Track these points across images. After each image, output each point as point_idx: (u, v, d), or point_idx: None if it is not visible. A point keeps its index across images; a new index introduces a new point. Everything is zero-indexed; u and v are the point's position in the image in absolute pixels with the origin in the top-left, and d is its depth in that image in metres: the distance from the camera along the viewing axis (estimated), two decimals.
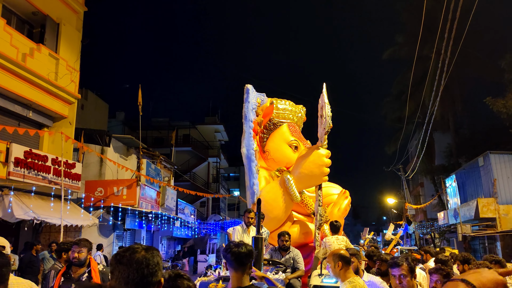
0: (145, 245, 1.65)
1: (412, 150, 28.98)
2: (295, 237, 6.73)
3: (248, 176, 7.06)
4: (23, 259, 9.88)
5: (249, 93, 7.36)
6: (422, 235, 29.83)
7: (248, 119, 7.17)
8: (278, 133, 7.98)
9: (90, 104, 21.88)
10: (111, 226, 14.20)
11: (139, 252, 1.56)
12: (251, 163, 7.00)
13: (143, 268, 1.51)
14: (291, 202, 6.85)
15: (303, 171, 6.68)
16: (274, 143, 7.92)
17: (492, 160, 16.86)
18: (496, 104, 17.24)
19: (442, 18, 10.28)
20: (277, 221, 6.85)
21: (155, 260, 1.56)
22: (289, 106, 8.28)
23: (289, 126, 8.06)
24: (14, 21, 12.59)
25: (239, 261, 2.45)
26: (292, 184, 6.68)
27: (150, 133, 30.66)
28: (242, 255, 2.46)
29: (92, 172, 14.95)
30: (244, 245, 2.53)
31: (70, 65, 13.27)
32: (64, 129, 12.69)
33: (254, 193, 6.96)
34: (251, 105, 7.28)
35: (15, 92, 11.24)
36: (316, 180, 6.75)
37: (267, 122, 8.06)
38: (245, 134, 7.11)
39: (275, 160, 7.83)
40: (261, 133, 8.05)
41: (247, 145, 7.06)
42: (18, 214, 10.21)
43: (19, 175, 10.46)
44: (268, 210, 6.53)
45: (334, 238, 6.11)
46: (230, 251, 2.48)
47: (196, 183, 29.07)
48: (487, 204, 16.33)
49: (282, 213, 6.83)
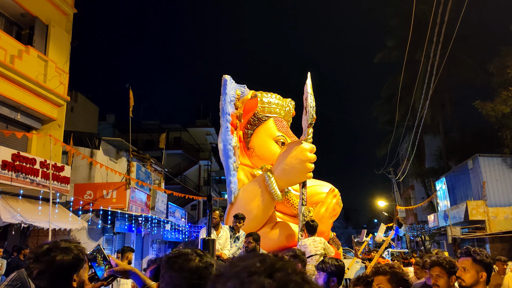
0: (199, 251, 1.58)
1: (402, 153, 29.18)
2: (276, 240, 6.25)
3: (226, 174, 6.59)
4: (11, 264, 9.74)
5: (227, 84, 6.79)
6: (413, 238, 30.01)
7: (225, 112, 6.62)
8: (263, 129, 7.44)
9: (80, 107, 21.69)
10: (100, 229, 14.05)
11: (193, 260, 1.51)
12: (228, 159, 6.50)
13: (194, 279, 1.47)
14: (272, 202, 6.33)
15: (284, 167, 6.15)
16: (259, 139, 7.40)
17: (481, 163, 17.02)
18: (485, 107, 17.42)
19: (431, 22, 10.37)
20: (256, 222, 6.32)
21: (209, 271, 1.51)
22: (275, 100, 7.72)
23: (276, 121, 7.51)
24: (2, 22, 12.44)
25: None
26: (273, 181, 6.13)
27: (140, 136, 30.48)
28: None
29: (81, 175, 14.80)
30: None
31: (59, 67, 13.14)
32: (53, 131, 12.55)
33: (231, 192, 6.47)
34: (229, 97, 6.72)
35: (2, 94, 11.09)
36: (299, 177, 6.18)
37: (251, 117, 7.49)
38: (222, 128, 6.61)
39: (260, 158, 7.27)
40: (245, 128, 7.51)
41: (224, 139, 6.55)
42: (6, 218, 10.04)
43: (7, 178, 10.30)
44: (246, 210, 6.10)
45: (311, 240, 5.50)
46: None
47: (187, 186, 28.95)
48: (476, 206, 16.48)
49: (261, 214, 6.32)
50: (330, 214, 6.63)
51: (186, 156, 31.22)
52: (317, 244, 5.39)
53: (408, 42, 13.43)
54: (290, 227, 6.65)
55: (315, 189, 6.86)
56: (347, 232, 61.66)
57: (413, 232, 28.42)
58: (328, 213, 6.59)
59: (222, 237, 5.93)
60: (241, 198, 6.33)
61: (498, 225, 15.86)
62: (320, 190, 6.98)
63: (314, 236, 5.52)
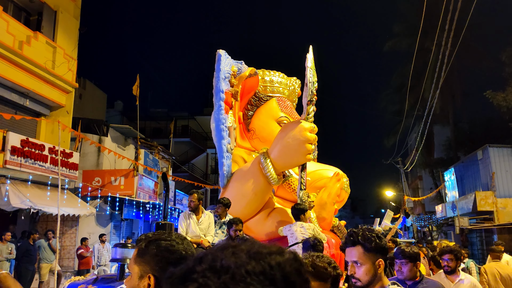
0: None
1: (411, 143, 28.97)
2: (272, 227, 5.70)
3: (218, 156, 6.08)
4: (20, 248, 9.88)
5: (221, 60, 6.15)
6: (420, 228, 29.92)
7: (218, 89, 6.01)
8: (264, 109, 6.88)
9: (88, 94, 21.76)
10: (109, 216, 14.18)
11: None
12: (221, 140, 5.96)
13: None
14: (269, 186, 5.71)
15: (281, 148, 5.50)
16: (260, 120, 6.84)
17: (491, 154, 16.83)
18: (496, 97, 17.16)
19: (443, 9, 10.18)
20: (251, 208, 5.79)
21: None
22: (278, 78, 7.16)
23: (279, 101, 6.95)
24: (11, 8, 12.44)
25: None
26: (269, 163, 5.50)
27: (148, 124, 30.55)
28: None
29: (90, 162, 14.90)
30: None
31: (67, 54, 13.15)
32: (62, 118, 12.62)
33: (223, 176, 5.95)
34: (223, 74, 6.11)
35: (11, 80, 11.15)
36: (297, 159, 5.52)
37: (252, 96, 6.95)
38: (215, 107, 6.08)
39: (261, 140, 6.72)
40: (245, 109, 6.98)
41: (216, 119, 5.99)
42: (15, 203, 10.17)
43: (16, 164, 10.41)
44: (240, 194, 5.63)
45: (298, 226, 4.92)
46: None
47: (194, 174, 29.06)
48: (485, 197, 16.34)
49: (256, 198, 5.77)
50: (332, 200, 6.06)
51: (193, 144, 31.28)
52: (304, 230, 4.83)
53: (420, 31, 13.21)
54: (288, 214, 5.87)
55: (320, 173, 6.31)
56: (354, 221, 61.64)
57: (421, 222, 28.31)
58: (331, 199, 6.02)
59: (204, 222, 5.50)
60: (234, 181, 5.79)
61: (507, 216, 15.75)
62: (326, 174, 6.38)
63: (302, 222, 4.98)
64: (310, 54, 5.81)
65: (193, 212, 5.42)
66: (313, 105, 5.71)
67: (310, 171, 6.06)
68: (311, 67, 5.69)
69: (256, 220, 5.72)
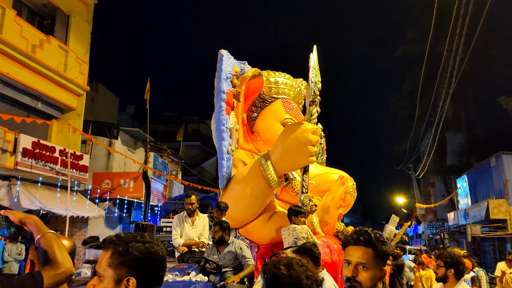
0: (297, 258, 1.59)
1: (423, 149, 28.65)
2: (272, 231, 5.49)
3: (218, 158, 5.95)
4: None
5: (223, 60, 6.01)
6: (432, 236, 29.50)
7: (220, 90, 5.87)
8: (269, 111, 6.69)
9: (100, 97, 22.01)
10: (117, 218, 14.27)
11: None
12: (222, 141, 5.81)
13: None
14: (269, 189, 5.45)
15: (283, 150, 5.26)
16: (265, 122, 6.65)
17: (505, 161, 16.56)
18: (510, 103, 16.93)
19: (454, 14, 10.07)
20: (250, 212, 5.57)
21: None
22: (284, 79, 7.01)
23: (284, 102, 6.75)
24: (25, 12, 12.66)
25: None
26: (269, 166, 5.27)
27: (159, 127, 30.76)
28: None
29: (99, 164, 15.03)
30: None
31: (79, 57, 13.32)
32: (73, 121, 12.77)
33: (223, 178, 5.81)
34: (225, 74, 5.99)
35: (24, 83, 11.32)
36: (299, 162, 5.28)
37: (256, 98, 6.82)
38: (216, 107, 5.96)
39: (265, 142, 6.51)
40: (249, 110, 6.86)
41: (217, 120, 5.87)
42: (25, 204, 10.29)
43: (27, 165, 10.54)
44: (239, 197, 5.47)
45: (291, 230, 4.78)
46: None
47: (204, 178, 29.10)
48: (498, 205, 16.06)
49: (256, 202, 5.55)
50: (336, 204, 5.79)
51: (204, 148, 31.36)
52: (297, 233, 4.66)
53: (430, 35, 13.10)
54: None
55: (325, 176, 6.07)
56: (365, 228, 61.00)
57: (432, 229, 27.93)
58: (335, 203, 5.74)
59: (198, 225, 5.33)
60: (234, 183, 5.62)
61: None
62: (331, 177, 6.08)
63: (295, 225, 4.80)
64: (314, 54, 5.66)
65: (189, 215, 5.32)
66: (317, 106, 5.53)
67: (316, 174, 5.87)
68: (314, 66, 5.53)
69: (256, 224, 5.57)
